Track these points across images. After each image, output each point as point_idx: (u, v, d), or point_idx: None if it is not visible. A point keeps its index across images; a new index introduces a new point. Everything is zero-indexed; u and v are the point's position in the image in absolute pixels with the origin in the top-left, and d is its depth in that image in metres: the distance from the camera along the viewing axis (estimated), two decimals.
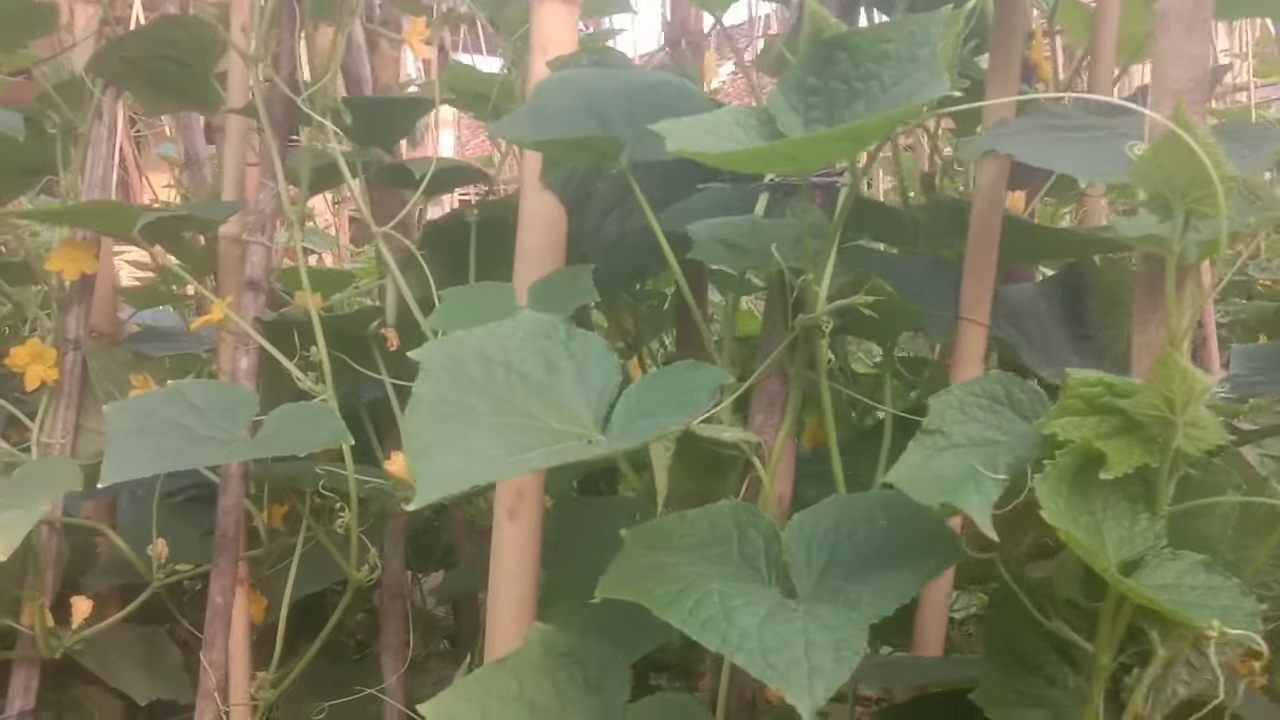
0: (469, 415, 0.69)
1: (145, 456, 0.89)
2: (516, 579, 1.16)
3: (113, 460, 0.87)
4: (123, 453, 0.88)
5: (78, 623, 1.30)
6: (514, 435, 0.69)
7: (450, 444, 0.66)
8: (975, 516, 0.61)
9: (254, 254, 1.18)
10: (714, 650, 0.62)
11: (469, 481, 0.63)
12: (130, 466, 0.88)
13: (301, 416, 0.98)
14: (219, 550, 1.17)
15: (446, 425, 0.67)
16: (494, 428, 0.69)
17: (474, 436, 0.67)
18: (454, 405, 0.70)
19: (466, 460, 0.64)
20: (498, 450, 0.67)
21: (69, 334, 1.37)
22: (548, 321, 0.80)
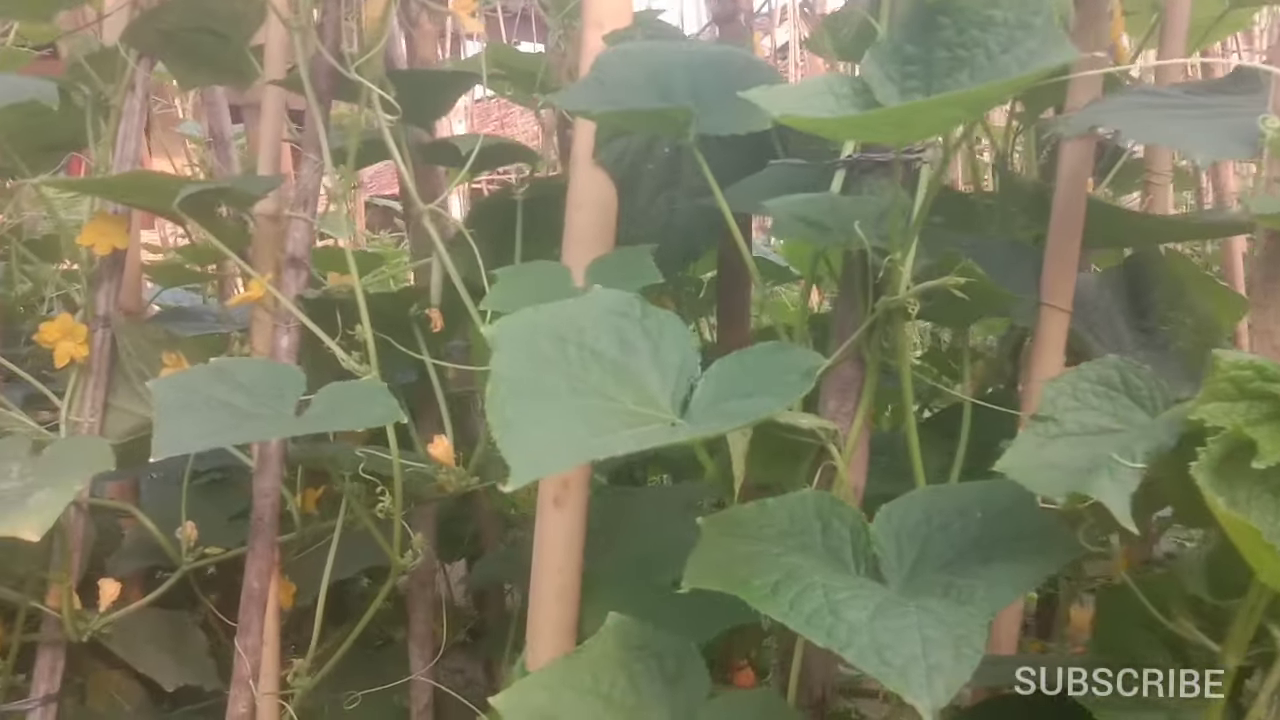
0: (549, 395, 0.65)
1: (195, 432, 0.85)
2: (560, 570, 1.12)
3: (163, 435, 0.83)
4: (172, 428, 0.84)
5: (105, 606, 1.26)
6: (596, 417, 0.65)
7: (536, 423, 0.62)
8: (1113, 507, 0.57)
9: (296, 230, 1.14)
10: (821, 644, 0.58)
11: (562, 464, 0.59)
12: (180, 441, 0.83)
13: (352, 394, 0.94)
14: (255, 534, 1.13)
15: (529, 404, 0.63)
16: (576, 408, 0.65)
17: (557, 416, 0.63)
18: (533, 384, 0.66)
19: (555, 441, 0.60)
20: (582, 431, 0.63)
21: (99, 310, 1.32)
22: (622, 298, 0.75)
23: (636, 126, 0.97)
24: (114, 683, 1.49)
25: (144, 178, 1.06)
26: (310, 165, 1.14)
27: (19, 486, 1.14)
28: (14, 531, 1.06)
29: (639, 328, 0.74)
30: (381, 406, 0.91)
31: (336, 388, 0.95)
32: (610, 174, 1.13)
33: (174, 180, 1.06)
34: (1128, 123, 0.76)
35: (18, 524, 1.07)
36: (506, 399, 0.63)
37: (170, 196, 1.06)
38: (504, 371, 0.66)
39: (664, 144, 1.16)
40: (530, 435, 0.61)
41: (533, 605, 1.14)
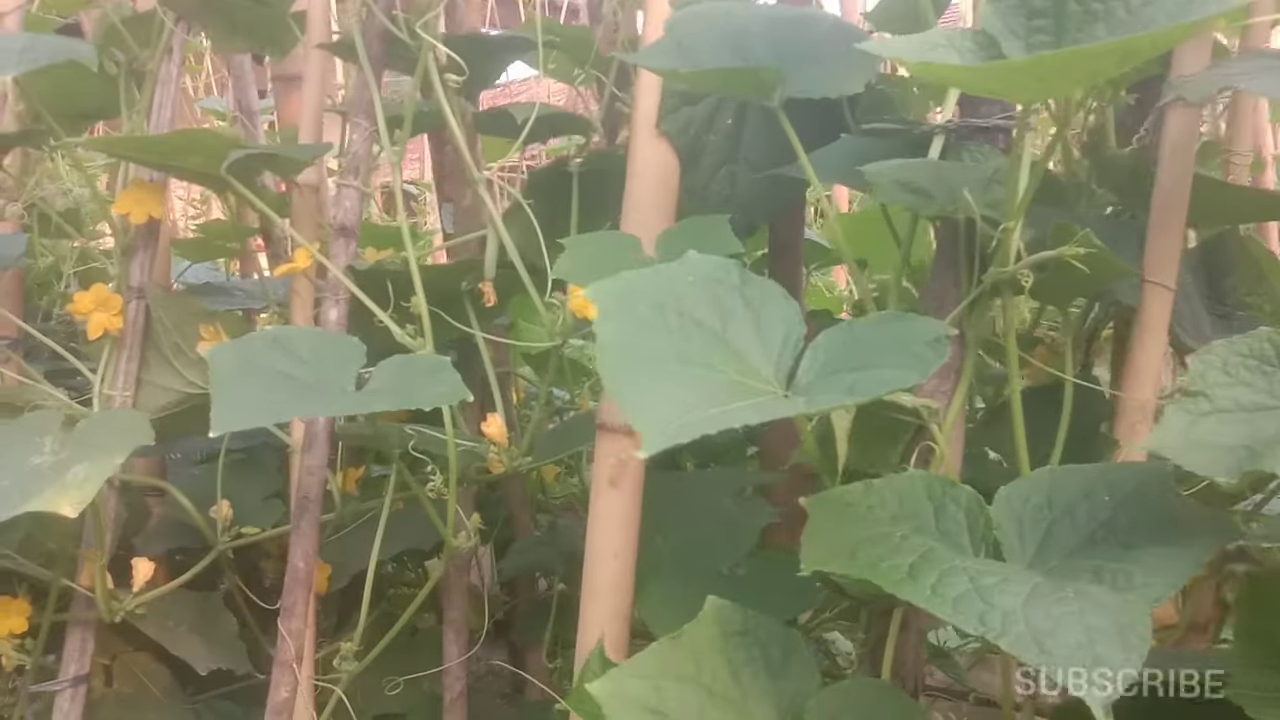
0: (659, 362, 0.60)
1: (258, 404, 0.79)
2: (616, 554, 1.08)
3: (223, 407, 0.78)
4: (233, 399, 0.79)
5: (139, 585, 1.21)
6: (710, 387, 0.60)
7: (658, 392, 0.57)
8: None
9: (347, 198, 1.08)
10: (971, 632, 0.54)
11: (691, 432, 0.54)
12: (243, 414, 0.78)
13: (416, 369, 0.88)
14: (300, 512, 1.08)
15: (645, 372, 0.58)
16: (689, 377, 0.60)
17: (675, 385, 0.58)
18: (642, 351, 0.61)
19: (680, 409, 0.55)
20: (702, 401, 0.58)
21: (133, 281, 1.27)
22: (719, 264, 0.70)
23: (718, 89, 0.92)
24: (140, 665, 1.44)
25: (199, 136, 1.00)
26: (362, 132, 1.08)
27: (53, 461, 1.08)
28: (52, 506, 1.01)
29: (738, 295, 0.69)
30: (447, 383, 0.86)
31: (398, 362, 0.90)
32: (673, 145, 1.08)
33: (229, 140, 1.00)
34: (1268, 84, 0.71)
35: (55, 499, 1.02)
36: (620, 366, 0.58)
37: (221, 158, 1.00)
38: (610, 338, 0.61)
39: (726, 115, 1.11)
40: (656, 403, 0.56)
41: (586, 591, 1.09)
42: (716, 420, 0.55)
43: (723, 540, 1.15)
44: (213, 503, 1.27)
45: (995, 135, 0.82)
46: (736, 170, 1.13)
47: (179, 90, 1.31)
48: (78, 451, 1.08)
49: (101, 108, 1.36)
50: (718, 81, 0.88)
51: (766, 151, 1.13)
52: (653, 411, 0.55)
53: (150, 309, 1.27)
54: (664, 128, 1.06)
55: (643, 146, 1.07)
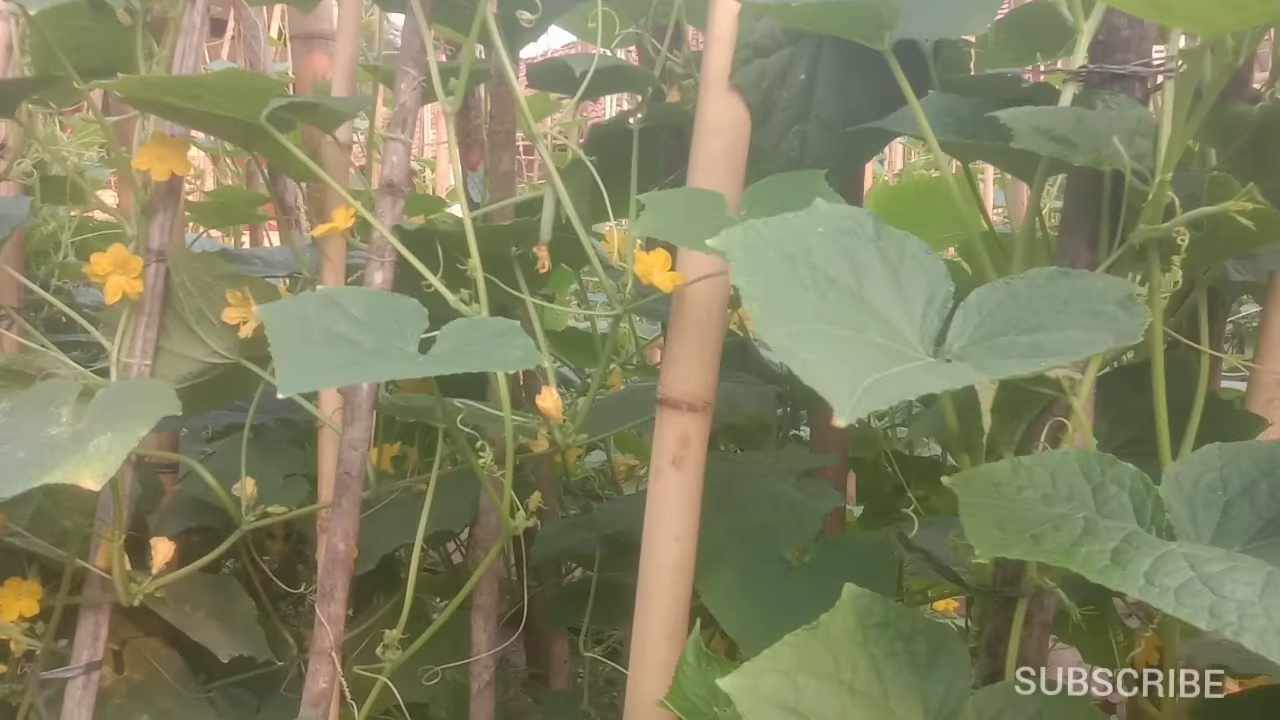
0: (811, 323, 0.53)
1: (324, 366, 0.71)
2: (678, 537, 1.00)
3: (289, 367, 0.69)
4: (297, 361, 0.70)
5: (158, 567, 1.13)
6: (864, 351, 0.53)
7: (831, 355, 0.49)
8: None
9: (394, 153, 1.00)
10: (1202, 627, 0.46)
11: (881, 401, 0.46)
12: (310, 376, 0.70)
13: (482, 332, 0.80)
14: (341, 489, 1.00)
15: (802, 332, 0.51)
16: (839, 340, 0.52)
17: (830, 346, 0.51)
18: (790, 309, 0.53)
19: (856, 375, 0.47)
20: (864, 366, 0.50)
21: (152, 244, 1.18)
22: (851, 214, 0.63)
23: (823, 26, 0.84)
24: (151, 650, 1.35)
25: (240, 78, 0.91)
26: (409, 82, 1.00)
27: (72, 432, 0.99)
28: (73, 478, 0.92)
29: (873, 249, 0.61)
30: (519, 347, 0.78)
31: (463, 325, 0.82)
32: (745, 100, 1.00)
33: (273, 84, 0.91)
34: None
35: (76, 470, 0.93)
36: (774, 324, 0.50)
37: (262, 104, 0.92)
38: (753, 291, 0.53)
39: (800, 69, 1.03)
40: (838, 368, 0.48)
41: (645, 575, 1.02)
42: (902, 387, 0.47)
43: (785, 525, 1.08)
44: (229, 481, 1.18)
45: (1132, 84, 0.74)
46: (808, 129, 1.05)
47: (202, 40, 1.22)
48: (98, 422, 0.99)
49: (110, 61, 1.26)
50: (823, 17, 0.80)
51: (841, 109, 1.06)
52: (839, 376, 0.47)
53: (171, 273, 1.18)
54: (737, 80, 0.98)
55: (713, 101, 1.00)
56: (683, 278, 0.95)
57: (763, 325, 0.51)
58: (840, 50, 1.05)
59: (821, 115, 1.05)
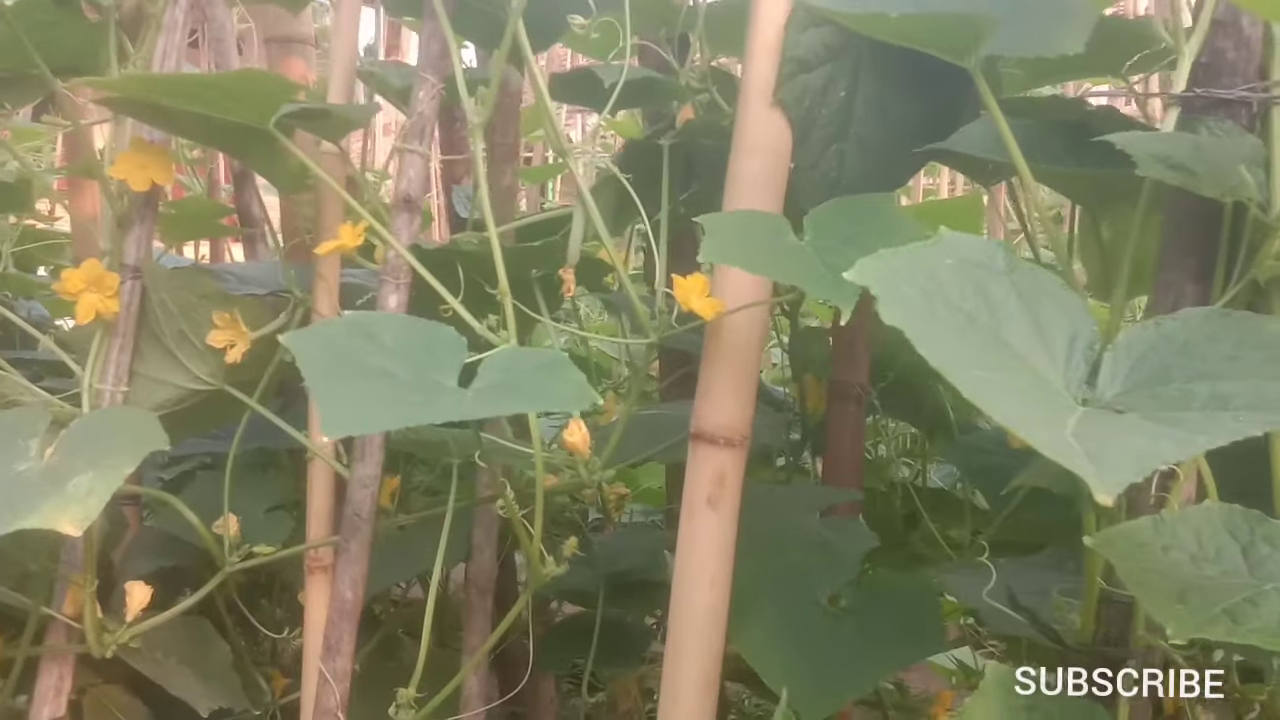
0: (974, 369, 0.46)
1: (366, 405, 0.62)
2: (713, 582, 0.93)
3: (331, 409, 0.60)
4: (338, 400, 0.61)
5: (134, 613, 1.02)
6: (1027, 398, 0.46)
7: (1032, 412, 0.42)
8: None
9: (411, 166, 0.91)
10: None
11: (1137, 470, 0.39)
12: (356, 417, 0.61)
13: (528, 363, 0.72)
14: (349, 531, 0.90)
15: (984, 381, 0.44)
16: (1019, 390, 0.46)
17: (1022, 398, 0.44)
18: (946, 346, 0.46)
19: (1110, 444, 0.41)
20: (1033, 413, 0.44)
21: (128, 259, 1.07)
22: (981, 245, 0.56)
23: (906, 38, 0.77)
24: (112, 699, 1.23)
25: (258, 78, 0.81)
26: (428, 90, 0.91)
27: (43, 469, 0.89)
28: (50, 523, 0.82)
29: (1007, 284, 0.55)
30: (570, 381, 0.70)
31: (505, 356, 0.73)
32: (788, 116, 0.93)
33: (291, 86, 0.82)
34: None
35: (54, 514, 0.83)
36: (957, 369, 0.44)
37: (272, 109, 0.83)
38: (916, 333, 0.46)
39: (840, 86, 0.97)
40: (1048, 428, 0.41)
41: (677, 623, 0.94)
42: (1153, 454, 0.40)
43: (818, 566, 1.01)
44: (206, 516, 1.07)
45: (1238, 110, 0.69)
46: (846, 149, 0.99)
47: (184, 39, 1.12)
48: (74, 458, 0.89)
49: (76, 62, 1.16)
50: (910, 29, 0.74)
51: (879, 129, 1.00)
52: (1036, 421, 0.40)
53: (148, 291, 1.08)
54: (781, 96, 0.92)
55: (754, 117, 0.93)
56: (723, 304, 0.88)
57: (948, 372, 0.44)
58: (880, 68, 0.99)
59: (860, 134, 0.99)
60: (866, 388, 1.20)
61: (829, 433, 1.23)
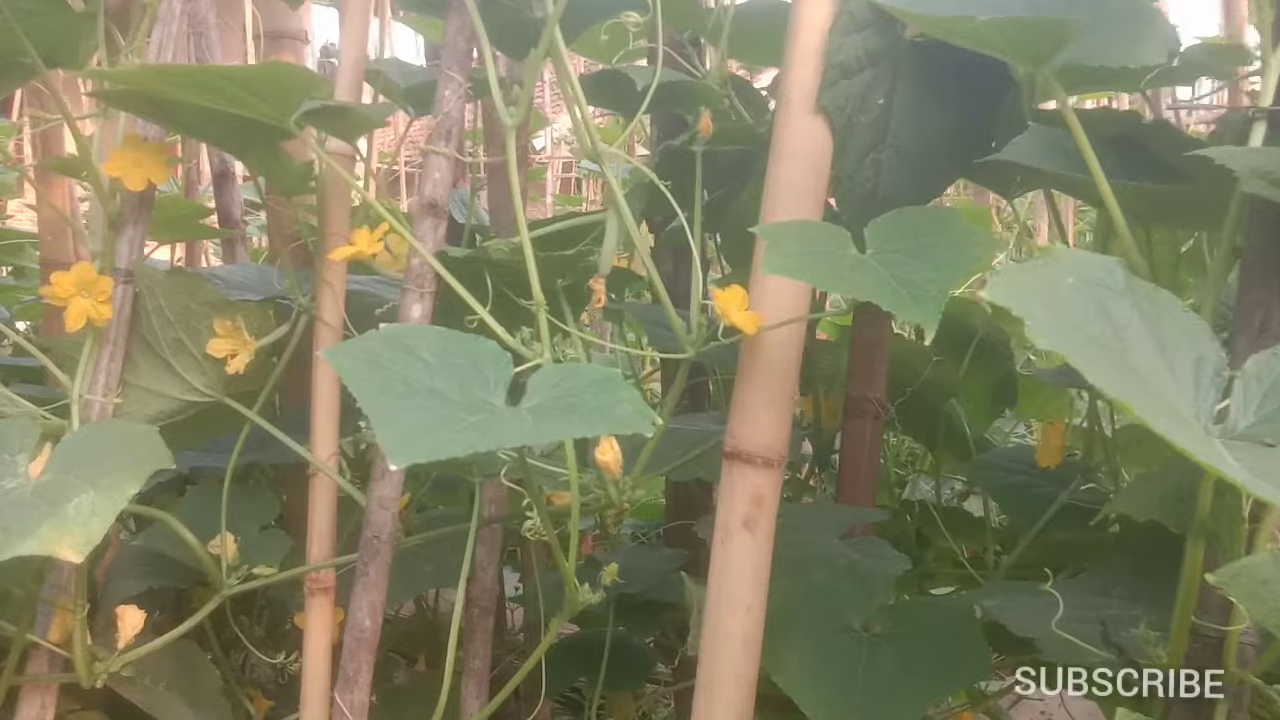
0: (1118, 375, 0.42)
1: (427, 428, 0.56)
2: (749, 608, 0.89)
3: (394, 435, 0.54)
4: (397, 424, 0.56)
5: (126, 640, 0.95)
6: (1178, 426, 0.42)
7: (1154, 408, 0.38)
8: None
9: (437, 169, 0.86)
10: None
11: None
12: (421, 443, 0.55)
13: (579, 381, 0.67)
14: (368, 554, 0.85)
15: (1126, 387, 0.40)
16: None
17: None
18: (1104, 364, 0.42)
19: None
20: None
21: (120, 263, 1.01)
22: (1098, 264, 0.53)
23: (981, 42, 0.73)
24: None
25: (282, 71, 0.74)
26: (454, 89, 0.86)
27: (35, 488, 0.83)
28: (49, 549, 0.76)
29: (1128, 304, 0.52)
30: (625, 400, 0.65)
31: (554, 373, 0.68)
32: (830, 123, 0.90)
33: (315, 81, 0.76)
34: None
35: (52, 539, 0.77)
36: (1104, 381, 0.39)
37: (294, 105, 0.77)
38: (1078, 360, 0.42)
39: (879, 93, 0.94)
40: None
41: (709, 650, 0.90)
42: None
43: (848, 590, 0.97)
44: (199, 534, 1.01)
45: None
46: (883, 158, 0.95)
47: (183, 31, 1.06)
48: (71, 475, 0.83)
49: (54, 53, 1.09)
50: (987, 33, 0.70)
51: (915, 139, 0.96)
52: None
53: (142, 296, 1.01)
54: (825, 101, 0.88)
55: (795, 124, 0.89)
56: (763, 319, 0.84)
57: (1126, 403, 0.40)
58: (917, 77, 0.96)
59: (897, 144, 0.96)
60: (885, 404, 1.17)
61: (844, 449, 1.20)
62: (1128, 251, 0.66)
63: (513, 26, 0.89)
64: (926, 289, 0.66)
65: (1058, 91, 0.70)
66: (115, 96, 0.96)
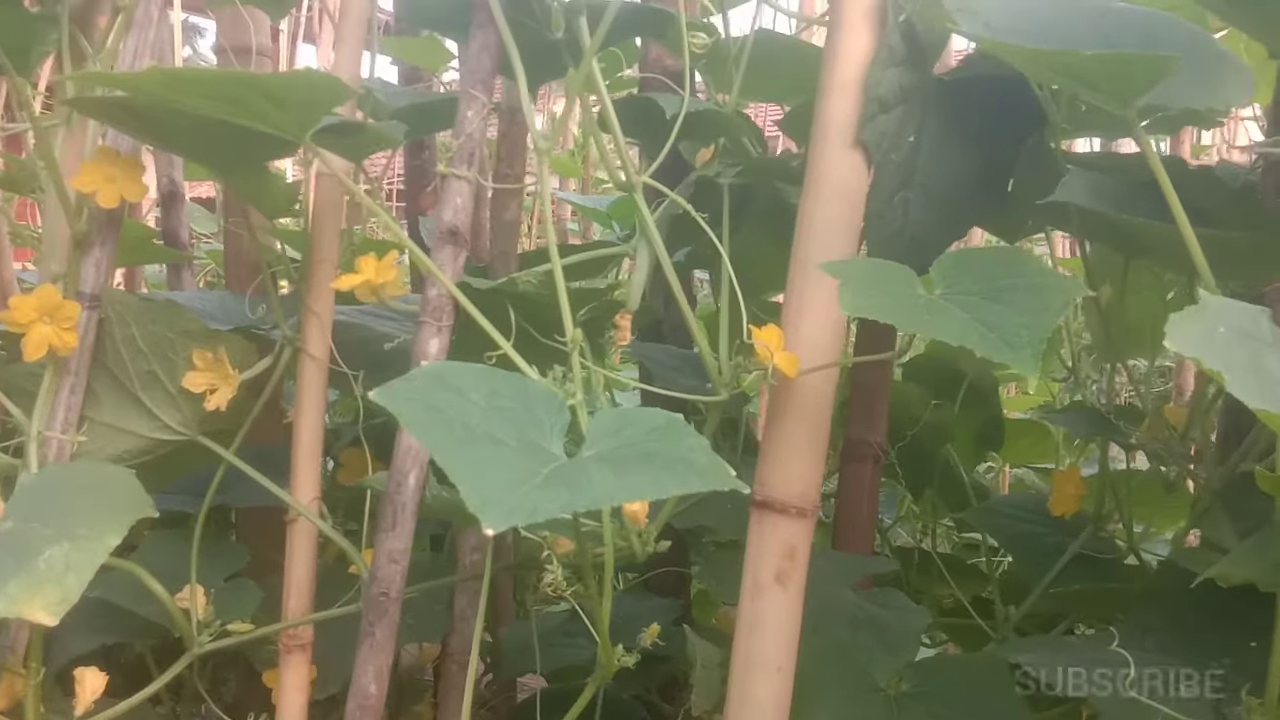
0: None
1: (517, 488, 0.49)
2: (780, 668, 0.83)
3: (482, 492, 0.46)
4: (482, 479, 0.48)
5: (84, 707, 0.84)
6: None
7: None
8: None
9: (457, 193, 0.78)
10: None
11: None
12: (516, 504, 0.47)
13: (639, 427, 0.60)
14: (375, 614, 0.76)
15: None
16: None
17: None
18: None
19: None
20: None
21: (84, 286, 0.91)
22: (1243, 312, 0.49)
23: (1067, 79, 0.69)
24: None
25: (314, 79, 0.66)
26: (476, 109, 0.79)
27: None
28: (19, 610, 0.67)
29: (1276, 355, 0.47)
30: (701, 452, 0.58)
31: (612, 418, 0.61)
32: (867, 158, 0.85)
33: (345, 91, 0.68)
34: None
35: (23, 598, 0.67)
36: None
37: (316, 118, 0.69)
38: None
39: (909, 130, 0.90)
40: None
41: (739, 711, 0.83)
42: None
43: (869, 646, 0.92)
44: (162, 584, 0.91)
45: None
46: (910, 197, 0.91)
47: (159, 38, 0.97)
48: (35, 524, 0.73)
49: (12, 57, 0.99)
50: (1083, 69, 0.65)
51: (943, 179, 0.93)
52: None
53: (109, 324, 0.91)
54: (864, 136, 0.84)
55: (832, 158, 0.84)
56: (799, 360, 0.79)
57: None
58: (944, 116, 0.93)
59: (924, 183, 0.92)
60: (885, 448, 1.12)
61: (841, 495, 1.15)
62: None
63: (528, 47, 0.83)
64: (1018, 334, 0.61)
65: (1140, 132, 0.67)
66: (88, 104, 0.86)
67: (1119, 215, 0.72)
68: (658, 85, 1.15)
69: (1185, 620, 0.86)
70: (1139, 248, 0.86)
